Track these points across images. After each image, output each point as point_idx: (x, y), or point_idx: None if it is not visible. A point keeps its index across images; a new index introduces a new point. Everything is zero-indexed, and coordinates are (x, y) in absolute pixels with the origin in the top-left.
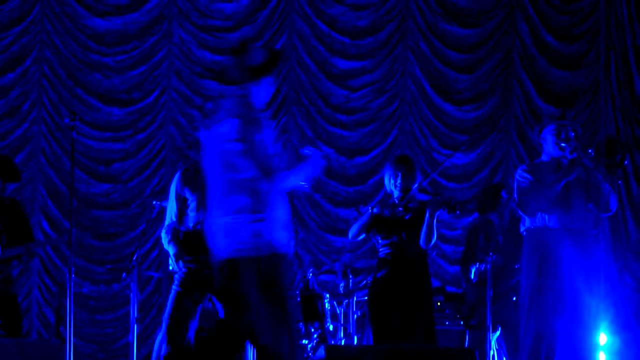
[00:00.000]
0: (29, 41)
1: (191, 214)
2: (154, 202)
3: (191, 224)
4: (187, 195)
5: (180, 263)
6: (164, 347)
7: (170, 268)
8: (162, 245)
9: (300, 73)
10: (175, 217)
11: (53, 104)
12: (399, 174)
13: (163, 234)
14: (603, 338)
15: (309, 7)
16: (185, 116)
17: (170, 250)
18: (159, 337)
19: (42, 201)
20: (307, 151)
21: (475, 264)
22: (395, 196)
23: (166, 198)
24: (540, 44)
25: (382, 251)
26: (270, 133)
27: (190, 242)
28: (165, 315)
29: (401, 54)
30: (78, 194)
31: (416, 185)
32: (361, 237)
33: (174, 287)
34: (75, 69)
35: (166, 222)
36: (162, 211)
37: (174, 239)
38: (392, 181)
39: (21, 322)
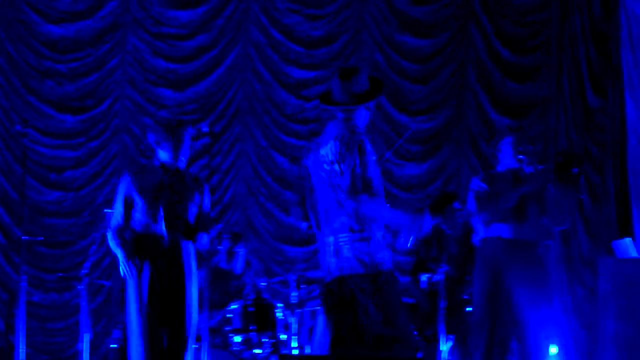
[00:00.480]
0: None
1: (138, 216)
2: (106, 211)
3: (138, 227)
4: (135, 198)
5: (131, 264)
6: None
7: (122, 274)
8: (114, 254)
9: (255, 82)
10: (122, 219)
11: (5, 111)
12: None
13: (109, 236)
14: (554, 349)
15: (264, 17)
16: (138, 124)
17: (119, 253)
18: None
19: None
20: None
21: (427, 274)
22: None
23: None
24: (494, 56)
25: None
26: (371, 155)
27: (138, 245)
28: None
29: (356, 65)
30: (29, 202)
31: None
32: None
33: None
34: (27, 76)
35: (112, 224)
36: None
37: (122, 241)
38: None
39: None
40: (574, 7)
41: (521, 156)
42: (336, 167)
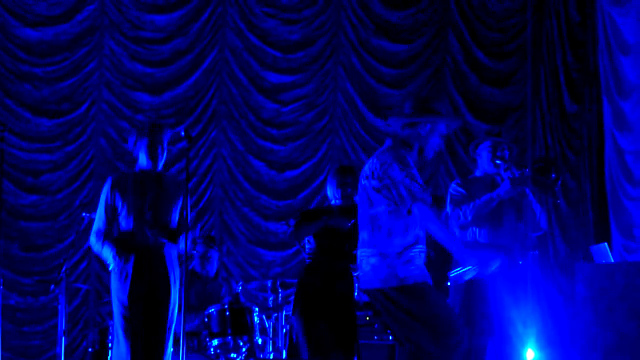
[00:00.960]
0: None
1: (122, 221)
2: (83, 214)
3: (122, 230)
4: (118, 203)
5: (121, 259)
6: None
7: (110, 268)
8: (90, 257)
9: (232, 86)
10: (104, 225)
11: None
12: (348, 182)
13: (93, 240)
14: (530, 353)
15: (241, 21)
16: (115, 128)
17: (108, 250)
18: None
19: None
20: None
21: None
22: (335, 204)
23: (95, 210)
24: (471, 61)
25: (314, 258)
26: (413, 172)
27: (123, 246)
28: None
29: (332, 69)
30: (6, 205)
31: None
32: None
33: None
34: (4, 79)
35: (94, 229)
36: (91, 223)
37: (109, 239)
38: (339, 190)
39: None
40: (550, 12)
41: (498, 161)
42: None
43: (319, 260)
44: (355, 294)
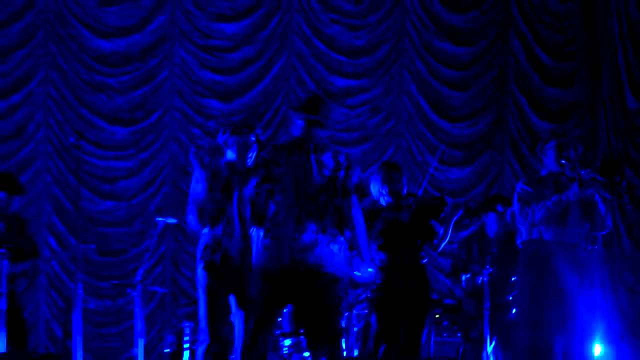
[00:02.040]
0: (34, 63)
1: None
2: (157, 219)
3: None
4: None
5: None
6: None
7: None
8: (166, 261)
9: (300, 91)
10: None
11: (59, 124)
12: (395, 177)
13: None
14: (598, 349)
15: (308, 28)
16: (187, 135)
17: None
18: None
19: (48, 218)
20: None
21: (467, 274)
22: (385, 201)
23: (169, 215)
24: (533, 62)
25: (383, 259)
26: None
27: None
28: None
29: (397, 73)
30: (83, 212)
31: (422, 190)
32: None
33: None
34: (80, 90)
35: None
36: (166, 227)
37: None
38: (385, 185)
39: (27, 336)
40: (611, 11)
41: (564, 161)
42: None
43: (386, 258)
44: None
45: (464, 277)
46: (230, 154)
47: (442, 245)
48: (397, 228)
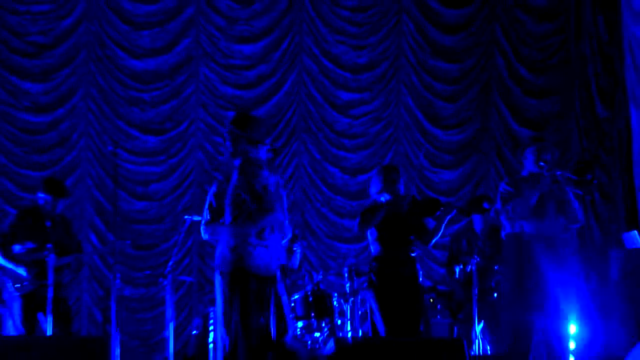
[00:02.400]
0: (76, 80)
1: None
2: (185, 217)
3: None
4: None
5: None
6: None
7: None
8: (192, 253)
9: (309, 104)
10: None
11: (98, 134)
12: (395, 179)
13: (203, 229)
14: (573, 328)
15: (316, 48)
16: (211, 143)
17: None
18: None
19: (89, 218)
20: None
21: (459, 265)
22: (384, 200)
23: (195, 214)
24: (515, 76)
25: (378, 248)
26: None
27: None
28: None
29: (395, 87)
30: (120, 211)
31: (414, 190)
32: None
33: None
34: (116, 104)
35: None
36: (192, 224)
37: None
38: (386, 186)
39: (71, 321)
40: (583, 32)
41: (542, 163)
42: None
43: (383, 249)
44: (420, 278)
45: (456, 268)
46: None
47: (434, 240)
48: (394, 223)
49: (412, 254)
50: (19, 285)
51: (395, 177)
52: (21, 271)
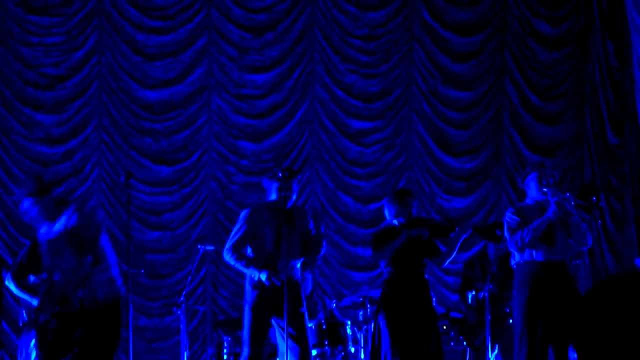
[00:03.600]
0: (89, 112)
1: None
2: (199, 246)
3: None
4: (252, 229)
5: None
6: None
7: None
8: (206, 283)
9: (321, 133)
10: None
11: (111, 165)
12: (409, 202)
13: (227, 256)
14: None
15: (328, 77)
16: (223, 172)
17: (239, 266)
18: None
19: None
20: None
21: (472, 291)
22: (397, 223)
23: (208, 243)
24: (526, 103)
25: (391, 272)
26: None
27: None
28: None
29: (407, 115)
30: (134, 241)
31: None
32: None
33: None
34: (129, 135)
35: (229, 245)
36: (206, 254)
37: (241, 255)
38: (402, 209)
39: None
40: (593, 59)
41: (545, 189)
42: None
43: (395, 271)
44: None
45: (469, 294)
46: (272, 196)
47: (447, 262)
48: (407, 245)
49: (425, 276)
50: (33, 315)
51: (410, 200)
52: (34, 302)
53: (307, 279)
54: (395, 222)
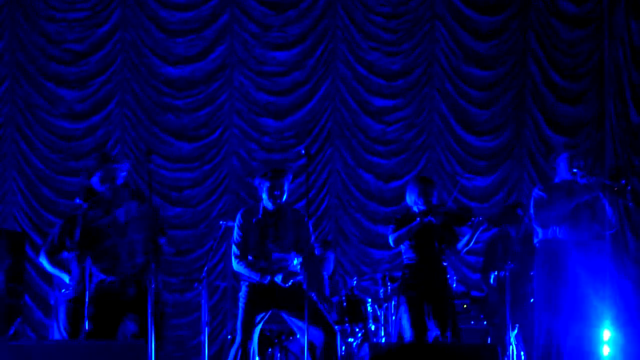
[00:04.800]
0: (112, 87)
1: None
2: (220, 222)
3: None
4: (247, 233)
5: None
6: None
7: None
8: (226, 259)
9: (343, 111)
10: (239, 250)
11: (133, 141)
12: (429, 191)
13: (235, 262)
14: (607, 333)
15: (350, 54)
16: (245, 149)
17: (245, 271)
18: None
19: None
20: None
21: (494, 271)
22: (419, 209)
23: (229, 219)
24: (548, 83)
25: (411, 257)
26: None
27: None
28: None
29: (429, 93)
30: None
31: (451, 200)
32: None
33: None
34: (151, 111)
35: (233, 254)
36: (227, 230)
37: (248, 265)
38: (421, 198)
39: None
40: (617, 38)
41: (575, 169)
42: None
43: (415, 258)
44: (454, 285)
45: (492, 274)
46: (264, 197)
47: (465, 250)
48: (426, 232)
49: (444, 263)
50: (65, 290)
51: (430, 188)
52: (65, 277)
53: (329, 258)
54: (415, 208)
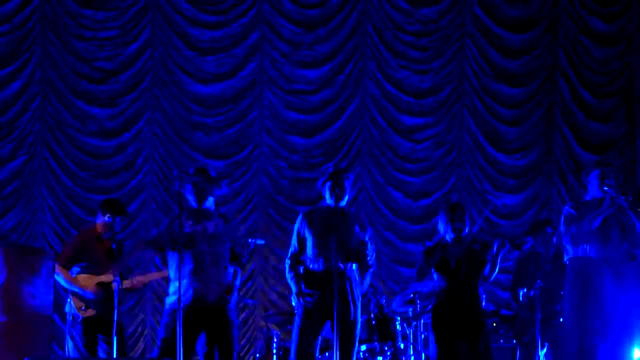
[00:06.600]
0: (142, 105)
1: (309, 252)
2: (249, 240)
3: (308, 263)
4: (306, 234)
5: (301, 300)
6: None
7: (293, 304)
8: (256, 276)
9: (372, 128)
10: (296, 249)
11: (162, 158)
12: (457, 219)
13: (287, 266)
14: (637, 352)
15: (379, 73)
16: (274, 167)
17: (292, 286)
18: None
19: None
20: None
21: (523, 289)
22: (449, 238)
23: (258, 237)
24: (578, 100)
25: (439, 285)
26: None
27: (309, 280)
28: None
29: (458, 111)
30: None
31: (476, 228)
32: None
33: (296, 320)
34: (180, 129)
35: (290, 253)
36: (256, 248)
37: (295, 276)
38: (449, 226)
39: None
40: None
41: (606, 187)
42: None
43: (443, 285)
44: (483, 303)
45: (521, 292)
46: (326, 196)
47: (493, 277)
48: (457, 260)
49: (479, 290)
50: (84, 308)
51: (459, 215)
52: (84, 293)
53: (366, 277)
54: (447, 237)
